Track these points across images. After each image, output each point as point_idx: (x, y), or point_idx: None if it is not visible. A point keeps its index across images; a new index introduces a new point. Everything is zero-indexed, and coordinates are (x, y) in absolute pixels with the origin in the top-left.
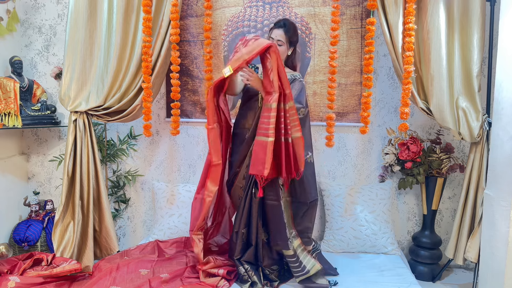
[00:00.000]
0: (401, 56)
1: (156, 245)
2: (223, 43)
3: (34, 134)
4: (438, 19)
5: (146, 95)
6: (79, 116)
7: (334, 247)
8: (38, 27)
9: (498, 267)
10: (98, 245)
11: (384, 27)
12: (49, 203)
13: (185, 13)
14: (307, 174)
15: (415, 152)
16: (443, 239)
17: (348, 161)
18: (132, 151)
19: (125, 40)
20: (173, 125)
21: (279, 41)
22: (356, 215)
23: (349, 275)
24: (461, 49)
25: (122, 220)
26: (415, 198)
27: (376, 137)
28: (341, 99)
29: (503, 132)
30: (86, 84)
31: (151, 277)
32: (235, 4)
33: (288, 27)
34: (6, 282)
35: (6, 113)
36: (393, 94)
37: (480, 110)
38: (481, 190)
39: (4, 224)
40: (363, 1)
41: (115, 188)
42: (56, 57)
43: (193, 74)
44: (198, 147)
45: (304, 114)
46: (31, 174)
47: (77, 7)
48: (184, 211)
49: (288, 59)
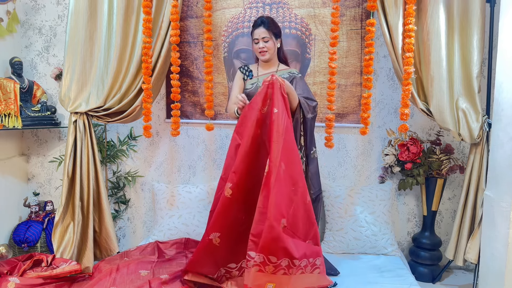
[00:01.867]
0: (401, 57)
1: (156, 246)
2: (223, 44)
3: (34, 135)
4: (438, 20)
5: (146, 96)
6: (79, 117)
7: (334, 248)
8: (38, 28)
9: (498, 268)
10: (98, 246)
11: (384, 28)
12: (49, 204)
13: (185, 14)
14: (310, 169)
15: (415, 153)
16: (443, 240)
17: (348, 162)
18: (132, 152)
19: (125, 41)
20: (173, 126)
21: (264, 38)
22: (356, 216)
23: (349, 276)
24: (461, 50)
25: (122, 221)
26: (415, 199)
27: (376, 138)
28: (341, 100)
29: (503, 133)
30: (86, 85)
31: (151, 278)
32: (235, 5)
33: (266, 23)
34: (6, 283)
35: (6, 114)
36: (393, 95)
37: (480, 111)
38: (481, 191)
39: (4, 225)
40: (363, 2)
41: (115, 189)
42: (56, 58)
43: (193, 75)
44: (198, 148)
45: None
46: (31, 175)
47: (77, 8)
48: (184, 212)
49: (279, 51)
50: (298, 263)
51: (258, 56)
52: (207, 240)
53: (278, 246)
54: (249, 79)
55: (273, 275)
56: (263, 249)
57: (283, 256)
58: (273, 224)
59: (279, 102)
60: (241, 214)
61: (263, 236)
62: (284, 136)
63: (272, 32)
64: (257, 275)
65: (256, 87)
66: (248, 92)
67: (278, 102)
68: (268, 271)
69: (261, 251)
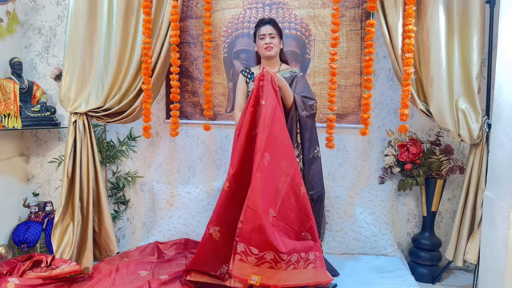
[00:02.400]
0: (400, 58)
1: (155, 247)
2: (222, 44)
3: (34, 136)
4: (437, 21)
5: (146, 97)
6: (79, 118)
7: (334, 248)
8: (38, 29)
9: (498, 268)
10: (98, 247)
11: (384, 29)
12: (48, 205)
13: (185, 14)
14: (313, 168)
15: (415, 154)
16: (442, 241)
17: (348, 163)
18: (131, 152)
19: (125, 42)
20: (173, 126)
21: (271, 34)
22: (355, 216)
23: (349, 277)
24: (461, 51)
25: (121, 222)
26: (414, 199)
27: (376, 138)
28: (341, 101)
29: (502, 133)
30: (86, 85)
31: (151, 278)
32: (235, 5)
33: (272, 22)
34: (6, 284)
35: (5, 115)
36: (392, 95)
37: (480, 112)
38: (481, 191)
39: (3, 226)
40: (362, 3)
41: (114, 190)
42: (56, 58)
43: (193, 76)
44: (197, 149)
45: (316, 108)
46: (31, 176)
47: (77, 8)
48: (184, 213)
49: (281, 52)
50: (286, 258)
51: (263, 52)
52: (207, 234)
53: (260, 238)
54: (251, 81)
55: (257, 267)
56: (243, 238)
57: (267, 249)
58: (255, 215)
59: (268, 94)
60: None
61: (242, 226)
62: (269, 127)
63: (278, 31)
64: (239, 263)
65: None
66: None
67: (268, 94)
68: (250, 262)
69: (242, 240)
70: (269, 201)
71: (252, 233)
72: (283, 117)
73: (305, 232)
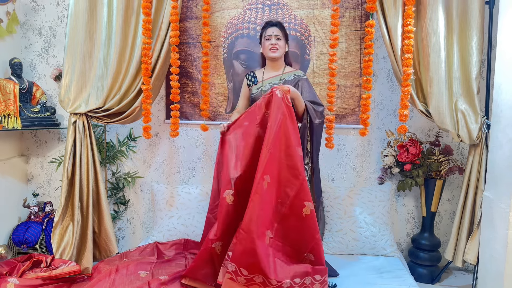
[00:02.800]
0: (400, 58)
1: (155, 247)
2: (222, 45)
3: (34, 136)
4: (437, 22)
5: (146, 97)
6: (79, 118)
7: (333, 249)
8: (38, 29)
9: (497, 269)
10: (97, 247)
11: (383, 29)
12: (48, 205)
13: (184, 15)
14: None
15: (414, 154)
16: (442, 241)
17: (347, 163)
18: (131, 153)
19: (125, 42)
20: (173, 126)
21: (277, 35)
22: (355, 217)
23: (348, 277)
24: (460, 52)
25: (121, 222)
26: (414, 200)
27: (375, 139)
28: (340, 101)
29: (502, 134)
30: (86, 85)
31: (150, 279)
32: (234, 6)
33: (279, 25)
34: (5, 284)
35: (5, 115)
36: (392, 96)
37: (479, 112)
38: (480, 192)
39: (3, 226)
40: (362, 4)
41: (114, 190)
42: (56, 59)
43: (193, 76)
44: (197, 149)
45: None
46: (31, 176)
47: (77, 9)
48: (183, 213)
49: (286, 55)
50: (276, 283)
51: (268, 53)
52: (209, 248)
53: (250, 261)
54: (254, 85)
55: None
56: (235, 258)
57: (256, 273)
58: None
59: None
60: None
61: (235, 247)
62: (271, 149)
63: (284, 34)
64: (229, 282)
65: (260, 92)
66: (253, 97)
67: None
68: (240, 281)
69: (233, 260)
70: (266, 223)
71: (243, 255)
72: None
73: (308, 253)
